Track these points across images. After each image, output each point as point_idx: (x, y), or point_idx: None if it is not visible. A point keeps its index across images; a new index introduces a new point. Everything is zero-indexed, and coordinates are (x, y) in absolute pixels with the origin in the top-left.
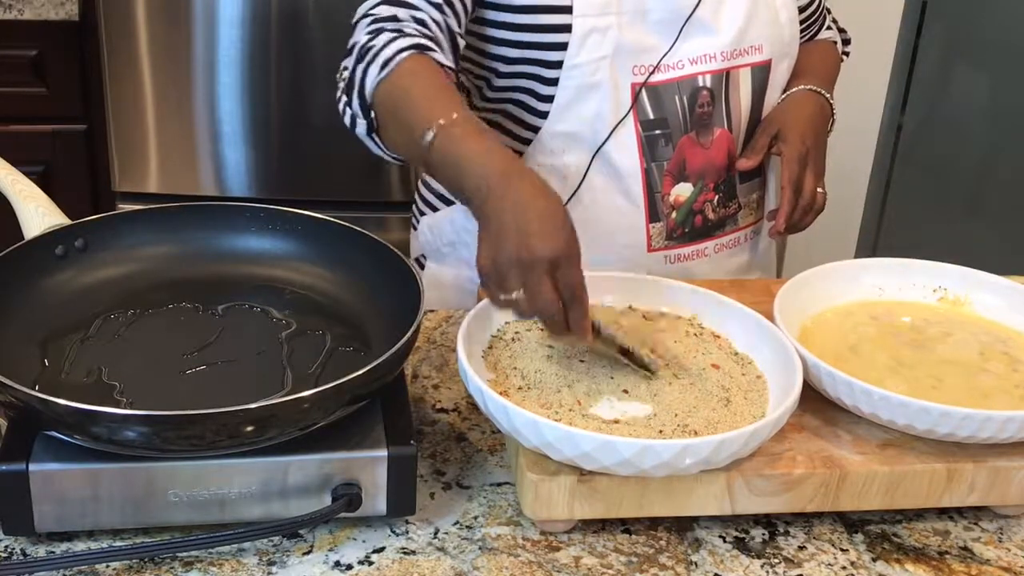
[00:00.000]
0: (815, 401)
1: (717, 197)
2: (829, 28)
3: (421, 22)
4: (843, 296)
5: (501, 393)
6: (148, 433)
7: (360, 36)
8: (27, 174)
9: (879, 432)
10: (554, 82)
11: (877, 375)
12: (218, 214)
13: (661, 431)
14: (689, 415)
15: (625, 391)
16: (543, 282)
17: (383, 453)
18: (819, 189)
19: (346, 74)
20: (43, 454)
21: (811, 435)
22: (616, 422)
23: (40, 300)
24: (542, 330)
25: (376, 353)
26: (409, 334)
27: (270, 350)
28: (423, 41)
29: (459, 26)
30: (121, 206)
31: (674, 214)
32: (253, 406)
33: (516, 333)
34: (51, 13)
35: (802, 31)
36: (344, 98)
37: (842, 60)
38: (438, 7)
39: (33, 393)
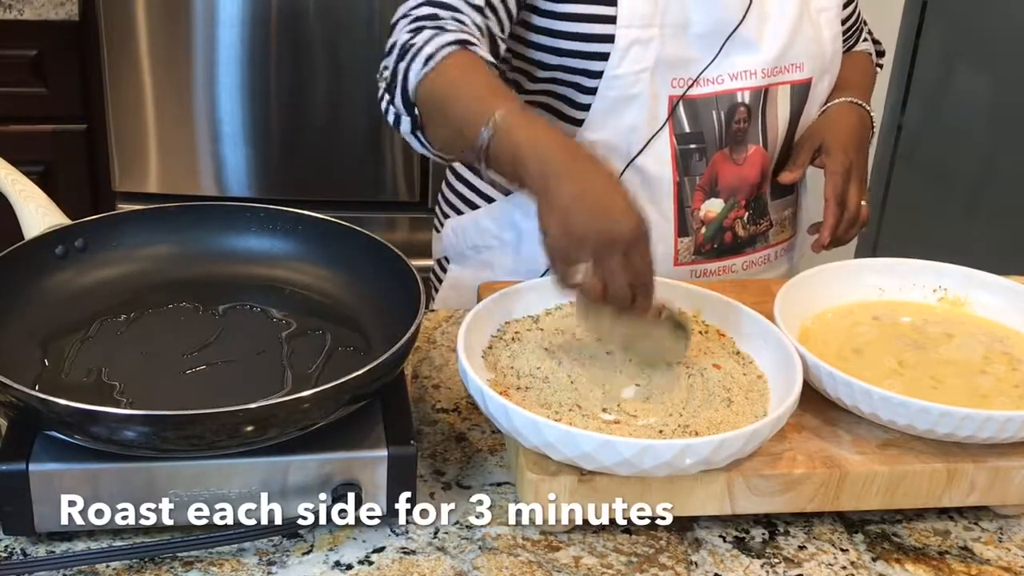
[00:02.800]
0: (815, 401)
1: (748, 214)
2: (865, 40)
3: (461, 22)
4: (843, 296)
5: (501, 393)
6: (148, 433)
7: (400, 35)
8: (27, 174)
9: (879, 432)
10: (592, 91)
11: (877, 375)
12: (218, 214)
13: (661, 431)
14: (692, 416)
15: (626, 391)
16: (618, 262)
17: (383, 453)
18: (862, 202)
19: (387, 73)
20: (43, 454)
21: (811, 435)
22: (616, 422)
23: (40, 300)
24: (570, 317)
25: (376, 353)
26: (409, 334)
27: (270, 350)
28: (465, 36)
29: (501, 31)
30: (121, 206)
31: (703, 229)
32: (253, 406)
33: (516, 333)
34: (51, 13)
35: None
36: (387, 96)
37: (876, 71)
38: (479, 10)
39: (33, 393)
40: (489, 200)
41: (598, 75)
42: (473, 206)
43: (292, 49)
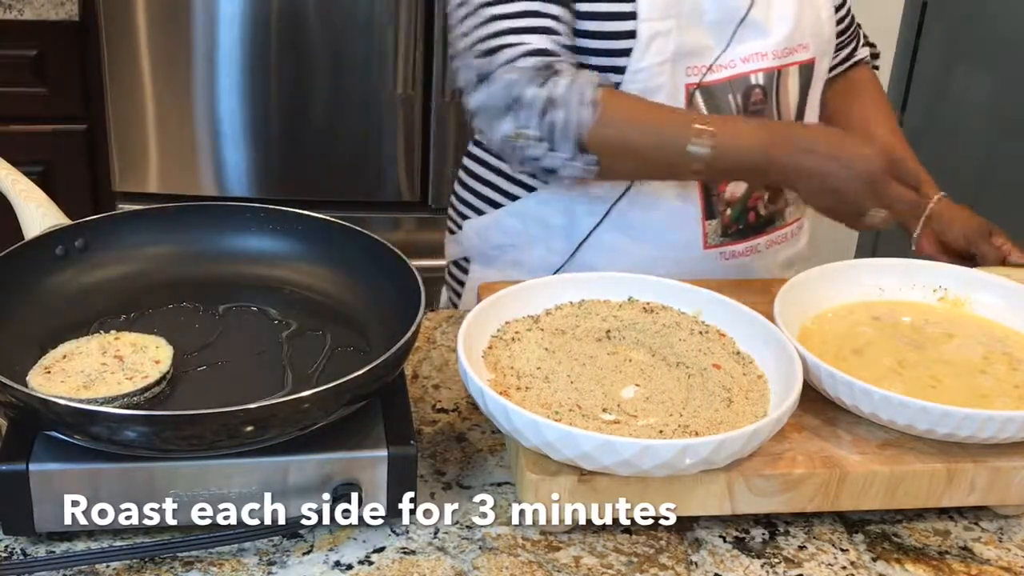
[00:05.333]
0: (815, 401)
1: (767, 193)
2: (864, 46)
3: (559, 42)
4: (843, 296)
5: (501, 393)
6: (148, 433)
7: (524, 90)
8: (27, 174)
9: (879, 432)
10: (615, 87)
11: (876, 375)
12: (218, 214)
13: (661, 431)
14: (692, 416)
15: (626, 391)
16: (893, 185)
17: (383, 453)
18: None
19: (529, 132)
20: (43, 454)
21: (811, 435)
22: (616, 422)
23: (40, 300)
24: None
25: (376, 353)
26: (409, 334)
27: (270, 350)
28: (592, 75)
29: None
30: (121, 206)
31: (729, 211)
32: (253, 406)
33: (516, 333)
34: (51, 13)
35: (840, 45)
36: (538, 151)
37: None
38: (556, 19)
39: (33, 393)
40: (512, 198)
41: (621, 70)
42: (495, 205)
43: (292, 49)
